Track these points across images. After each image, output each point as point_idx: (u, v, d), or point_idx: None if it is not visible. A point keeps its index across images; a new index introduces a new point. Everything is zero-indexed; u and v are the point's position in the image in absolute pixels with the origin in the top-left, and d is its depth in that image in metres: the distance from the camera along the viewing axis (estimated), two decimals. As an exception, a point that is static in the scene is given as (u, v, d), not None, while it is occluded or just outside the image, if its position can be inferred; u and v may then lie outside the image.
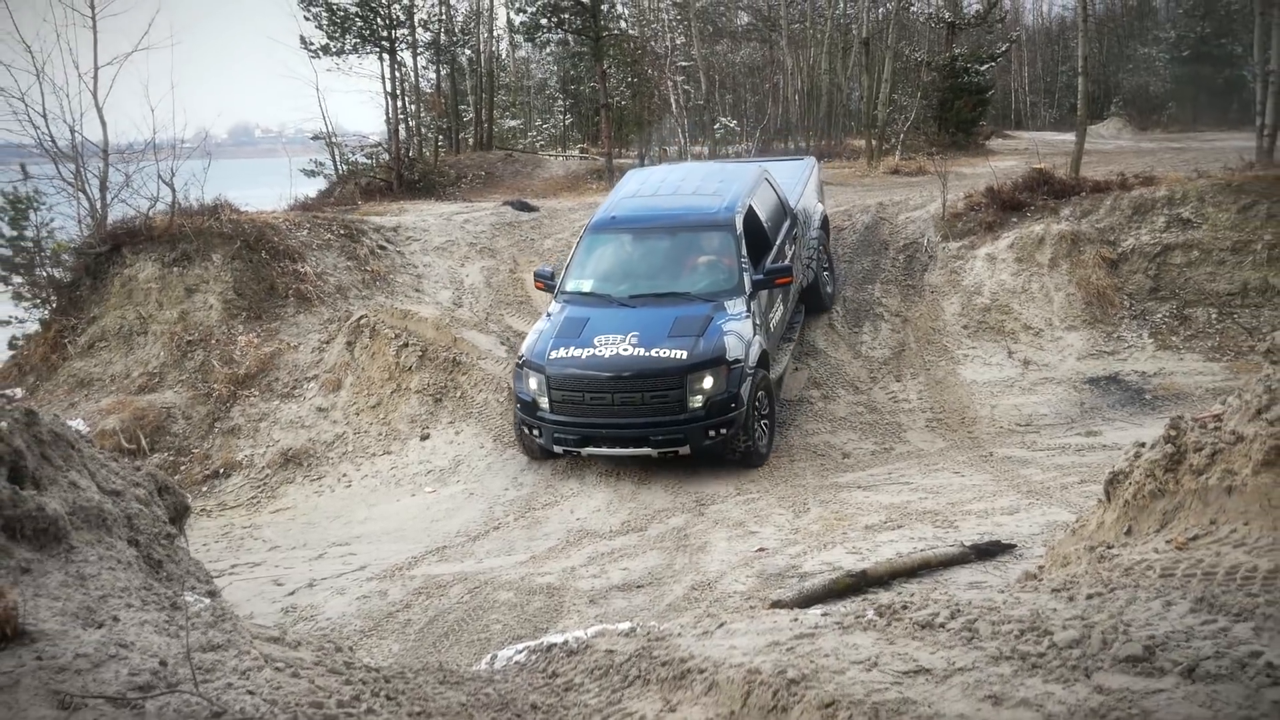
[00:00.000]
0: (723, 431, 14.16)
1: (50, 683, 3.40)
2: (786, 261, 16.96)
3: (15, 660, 3.51)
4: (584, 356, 14.53)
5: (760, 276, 15.56)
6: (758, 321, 15.26)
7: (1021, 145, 38.90)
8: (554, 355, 14.66)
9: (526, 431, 15.19)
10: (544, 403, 14.66)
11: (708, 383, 14.15)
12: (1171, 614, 4.04)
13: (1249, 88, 27.20)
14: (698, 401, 14.12)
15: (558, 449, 14.84)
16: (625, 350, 14.38)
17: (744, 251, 15.73)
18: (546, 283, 16.63)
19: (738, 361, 14.37)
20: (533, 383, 14.74)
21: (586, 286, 16.26)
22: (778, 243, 17.04)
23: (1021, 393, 17.16)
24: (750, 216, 16.46)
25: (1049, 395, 17.00)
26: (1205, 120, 41.74)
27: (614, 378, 14.29)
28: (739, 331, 14.64)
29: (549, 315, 15.97)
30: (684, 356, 14.18)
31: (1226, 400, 6.11)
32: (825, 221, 20.42)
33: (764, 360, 15.19)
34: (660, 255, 16.49)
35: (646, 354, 14.33)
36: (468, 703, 4.24)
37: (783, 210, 18.09)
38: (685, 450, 14.31)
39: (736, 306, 15.04)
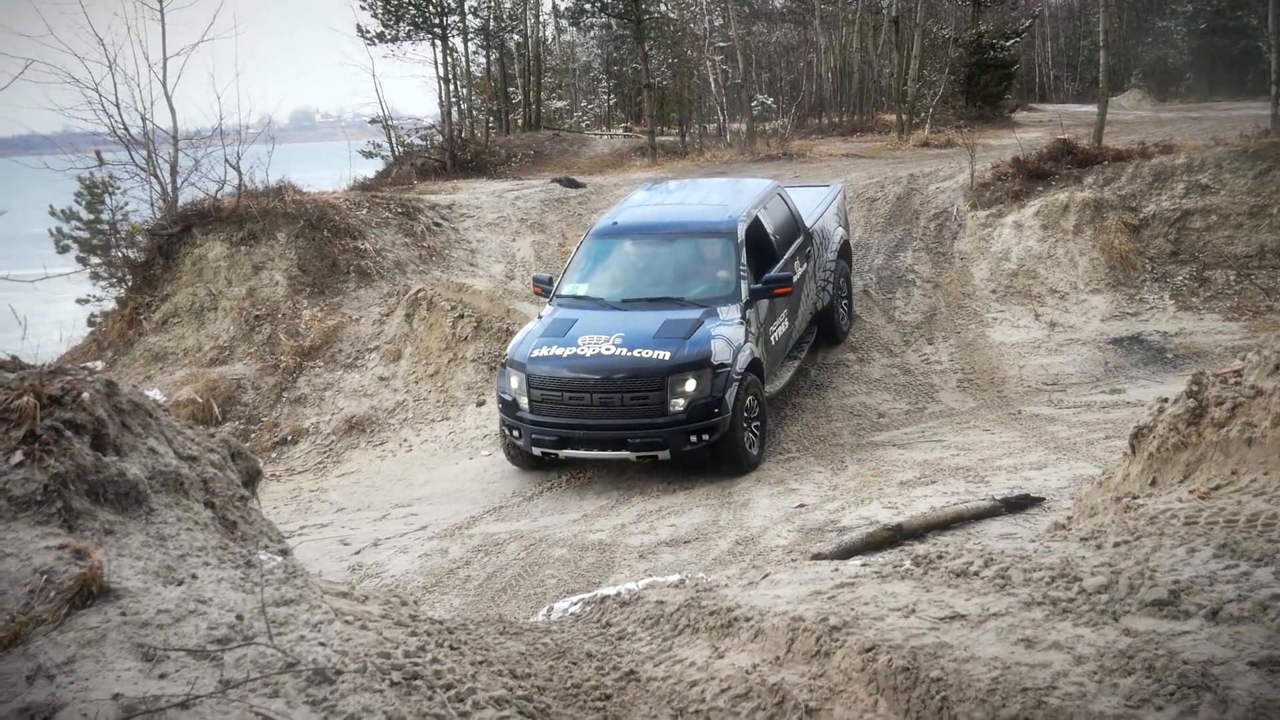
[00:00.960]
0: (704, 437, 12.99)
1: (134, 636, 3.43)
2: (796, 277, 15.84)
3: (101, 616, 3.54)
4: (565, 355, 13.54)
5: (759, 286, 14.50)
6: (752, 330, 14.22)
7: (1045, 118, 38.65)
8: (536, 354, 13.70)
9: (507, 433, 14.10)
10: (523, 402, 13.57)
11: (690, 385, 13.06)
12: (1195, 560, 4.02)
13: (1264, 58, 26.91)
14: (679, 405, 13.02)
15: (536, 451, 13.71)
16: (607, 350, 13.37)
17: (744, 260, 14.69)
18: (544, 288, 15.74)
19: (724, 366, 13.25)
20: (514, 381, 13.72)
21: (581, 290, 15.34)
22: (785, 257, 15.90)
23: (1048, 353, 17.05)
24: (756, 228, 15.52)
25: (1074, 355, 16.89)
26: (1222, 90, 41.29)
27: (594, 378, 13.25)
28: (728, 336, 13.55)
29: (540, 317, 15.01)
30: (666, 358, 13.13)
31: (1246, 357, 6.11)
32: (846, 248, 18.87)
33: (756, 368, 14.08)
34: (659, 261, 15.57)
35: (629, 354, 13.32)
36: (527, 651, 4.26)
37: (795, 226, 16.91)
38: (665, 455, 13.18)
39: (730, 313, 14.03)
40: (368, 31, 39.51)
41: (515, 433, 13.65)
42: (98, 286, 24.76)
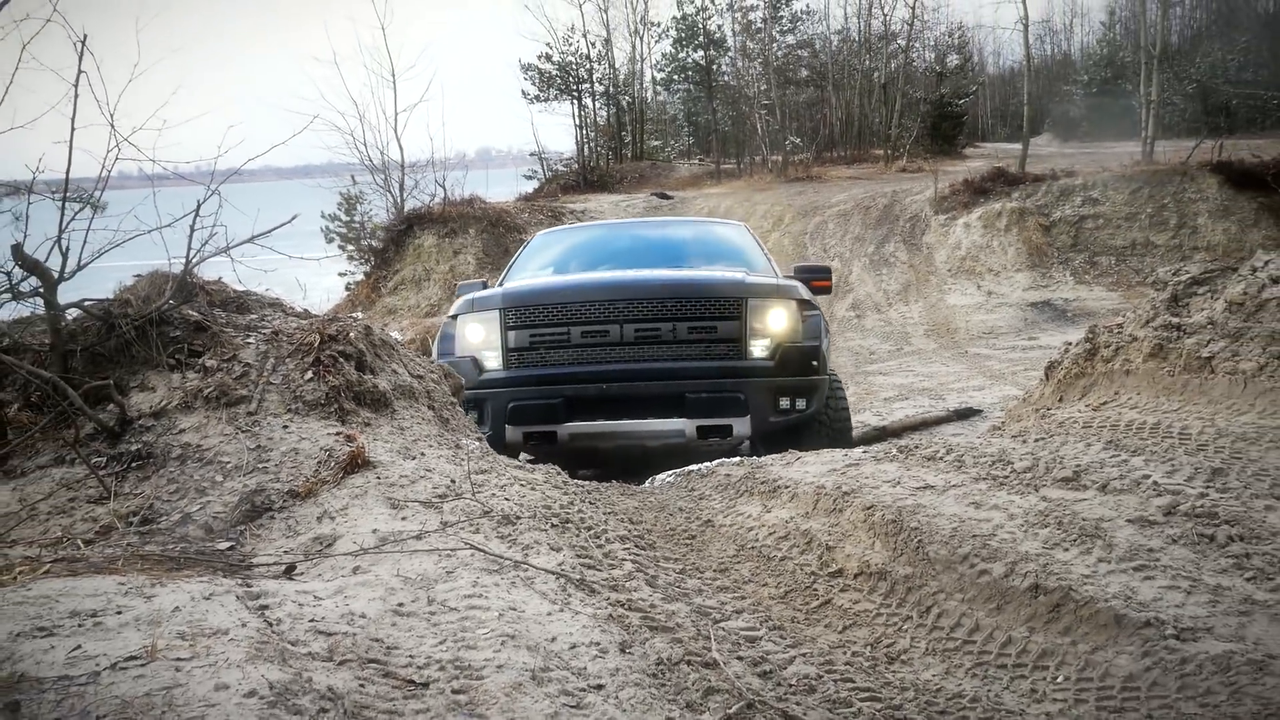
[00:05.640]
0: (799, 404, 5.98)
1: (385, 493, 3.50)
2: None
3: (364, 479, 3.62)
4: (575, 281, 6.68)
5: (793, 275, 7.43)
6: None
7: (986, 153, 38.08)
8: (519, 286, 6.65)
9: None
10: (491, 360, 6.10)
11: (778, 319, 6.02)
12: (1090, 451, 3.94)
13: (1137, 113, 26.55)
14: (762, 348, 5.97)
15: (514, 435, 5.95)
16: (640, 274, 6.57)
17: (767, 251, 8.14)
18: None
19: (814, 308, 6.40)
20: (473, 330, 6.19)
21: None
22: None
23: (986, 312, 17.16)
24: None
25: (1004, 314, 16.98)
26: (1108, 134, 40.28)
27: (627, 299, 5.97)
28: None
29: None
30: (741, 276, 6.40)
31: (1125, 315, 6.05)
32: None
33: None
34: (661, 244, 8.42)
35: (677, 274, 6.64)
36: (639, 506, 4.29)
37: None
38: (744, 429, 5.88)
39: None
40: (528, 94, 39.76)
41: (473, 412, 5.77)
42: (351, 265, 25.26)
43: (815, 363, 6.09)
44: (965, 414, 9.43)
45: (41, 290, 4.11)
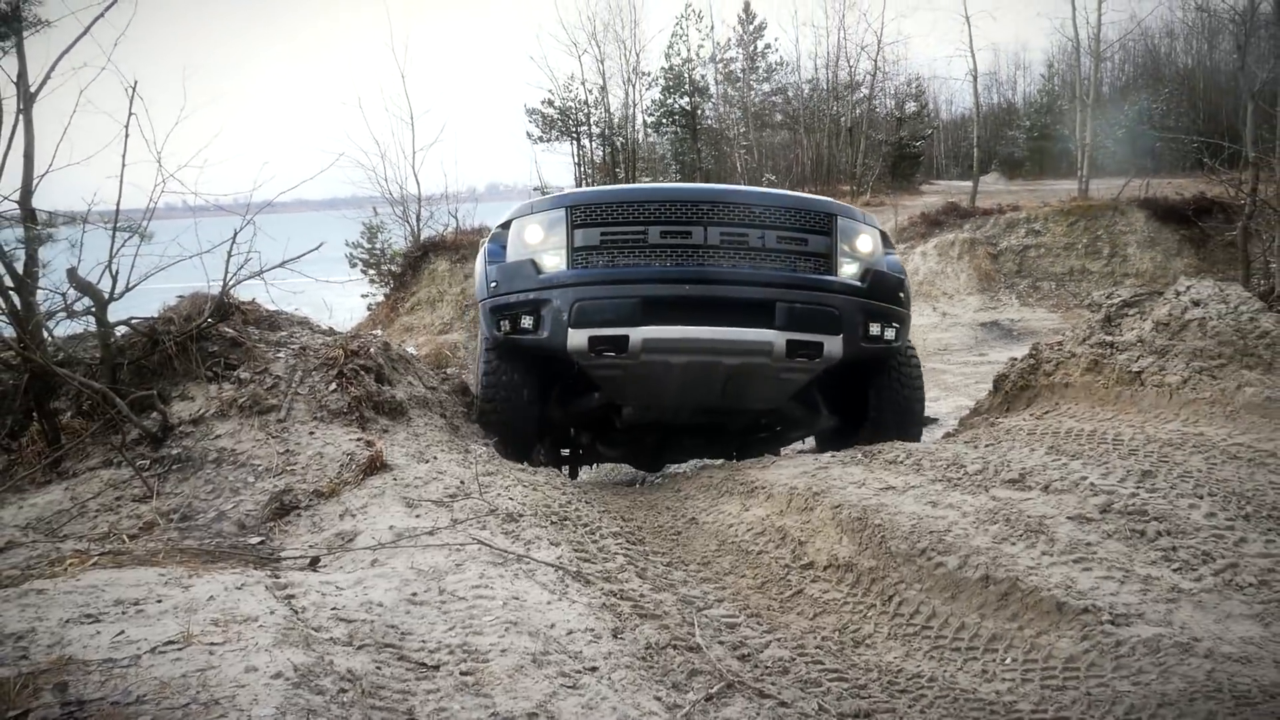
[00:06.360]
0: (888, 334, 4.85)
1: (401, 493, 3.48)
2: None
3: (382, 481, 3.60)
4: (651, 187, 5.33)
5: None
6: None
7: (940, 189, 38.12)
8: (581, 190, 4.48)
9: (497, 332, 4.77)
10: (552, 260, 4.63)
11: (865, 242, 4.90)
12: (1034, 456, 3.94)
13: (1073, 154, 26.82)
14: (852, 268, 4.81)
15: (578, 339, 4.47)
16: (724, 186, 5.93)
17: None
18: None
19: (894, 248, 5.46)
20: (531, 233, 4.73)
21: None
22: None
23: (941, 331, 17.04)
24: None
25: (957, 333, 16.86)
26: (1049, 173, 40.59)
27: (711, 202, 4.65)
28: None
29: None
30: (828, 201, 5.00)
31: (1064, 334, 6.05)
32: None
33: None
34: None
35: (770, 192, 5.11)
36: (631, 504, 4.27)
37: None
38: (834, 346, 4.63)
39: None
40: (532, 136, 39.92)
41: (527, 319, 4.65)
42: (372, 287, 25.20)
43: (902, 294, 5.05)
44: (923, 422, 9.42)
45: (93, 309, 4.09)
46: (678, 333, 4.43)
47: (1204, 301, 5.20)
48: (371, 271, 25.43)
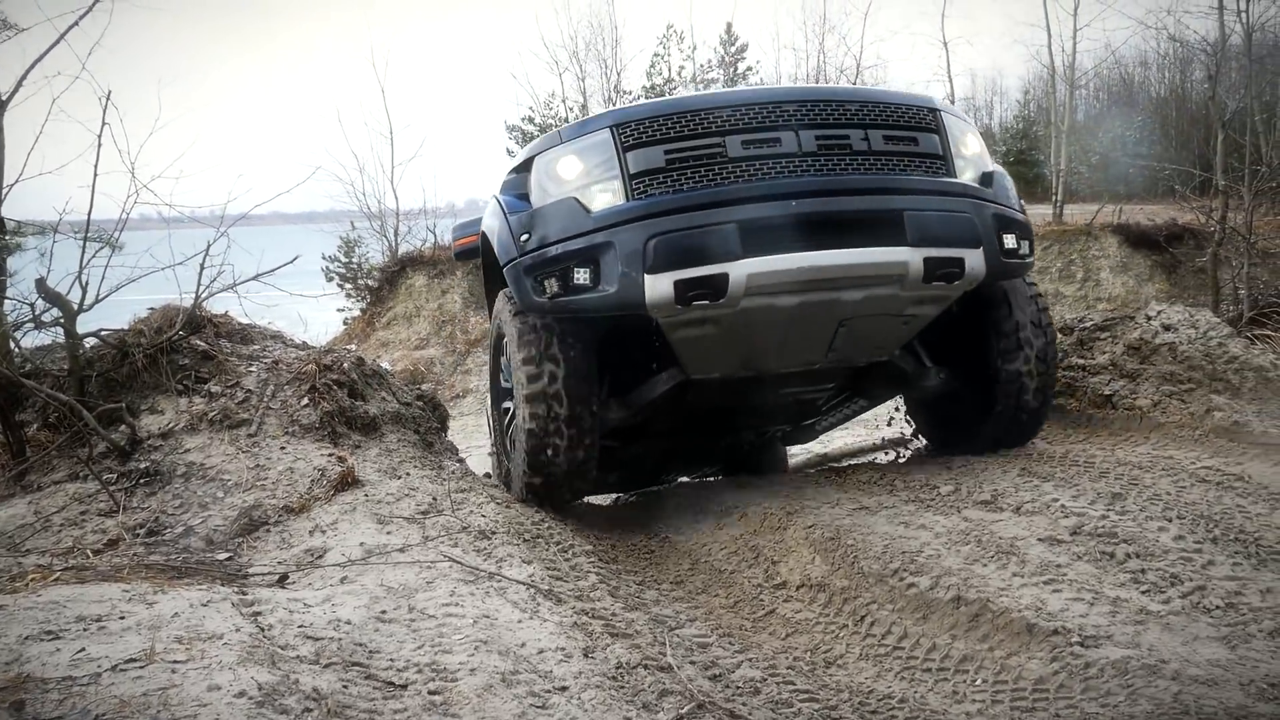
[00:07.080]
0: (1023, 250, 3.91)
1: (373, 509, 3.45)
2: None
3: (353, 497, 3.57)
4: (724, 91, 5.24)
5: None
6: None
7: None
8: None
9: (532, 292, 3.60)
10: (604, 194, 3.54)
11: (974, 144, 3.98)
12: (1006, 477, 3.96)
13: (1048, 179, 27.34)
14: (969, 170, 3.86)
15: (658, 287, 3.34)
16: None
17: None
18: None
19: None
20: (567, 166, 3.66)
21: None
22: None
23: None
24: None
25: (934, 354, 16.92)
26: (1023, 198, 41.04)
27: (800, 101, 3.60)
28: None
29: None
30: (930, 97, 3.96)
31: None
32: None
33: None
34: None
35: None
36: (605, 522, 4.25)
37: None
38: (976, 261, 3.64)
39: None
40: (513, 152, 40.01)
41: (581, 273, 3.48)
42: (349, 302, 25.06)
43: (1021, 202, 4.24)
44: (897, 443, 9.47)
45: (62, 320, 4.05)
46: (791, 261, 3.41)
47: (1175, 326, 5.27)
48: (348, 286, 25.29)
